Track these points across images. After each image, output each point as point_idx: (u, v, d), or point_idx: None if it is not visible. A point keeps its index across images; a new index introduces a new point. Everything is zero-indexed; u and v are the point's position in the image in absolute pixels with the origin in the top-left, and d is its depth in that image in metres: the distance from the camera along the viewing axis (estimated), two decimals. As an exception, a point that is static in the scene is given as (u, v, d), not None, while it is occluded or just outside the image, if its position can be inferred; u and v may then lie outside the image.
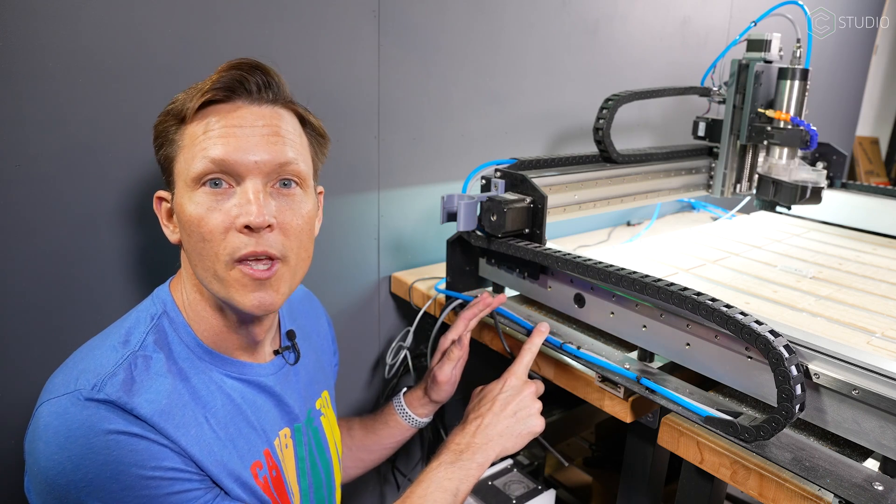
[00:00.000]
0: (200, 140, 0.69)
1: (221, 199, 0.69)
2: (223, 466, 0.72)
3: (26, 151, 0.88)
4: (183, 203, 0.70)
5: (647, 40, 1.75)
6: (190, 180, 0.69)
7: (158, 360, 0.70)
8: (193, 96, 0.70)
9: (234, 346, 0.79)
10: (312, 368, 0.93)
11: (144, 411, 0.65)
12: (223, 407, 0.74)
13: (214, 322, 0.76)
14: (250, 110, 0.71)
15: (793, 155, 1.32)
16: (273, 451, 0.80)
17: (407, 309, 1.38)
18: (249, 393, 0.79)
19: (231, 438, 0.74)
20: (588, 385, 0.93)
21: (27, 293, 0.93)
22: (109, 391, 0.64)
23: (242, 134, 0.69)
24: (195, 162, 0.69)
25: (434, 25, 1.29)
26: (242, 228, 0.68)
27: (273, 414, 0.81)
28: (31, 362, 0.94)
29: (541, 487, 1.19)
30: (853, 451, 0.74)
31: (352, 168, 1.25)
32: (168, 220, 0.77)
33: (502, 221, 0.99)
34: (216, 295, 0.72)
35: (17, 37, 0.85)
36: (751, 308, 1.00)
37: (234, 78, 0.71)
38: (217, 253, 0.68)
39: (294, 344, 0.88)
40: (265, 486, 0.77)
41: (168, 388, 0.69)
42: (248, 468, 0.75)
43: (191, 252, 0.71)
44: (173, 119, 0.72)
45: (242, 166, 0.69)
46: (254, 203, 0.68)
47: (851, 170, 3.77)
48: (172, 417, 0.68)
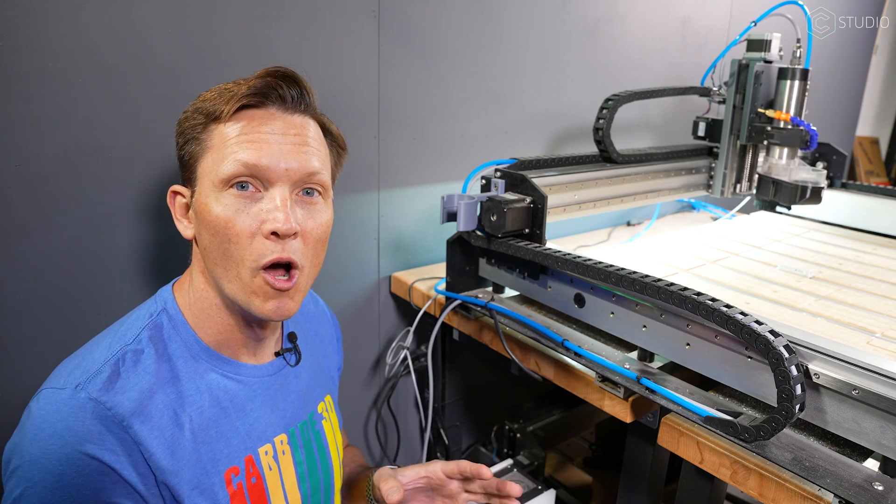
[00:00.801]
0: (232, 143, 0.70)
1: (248, 203, 0.70)
2: (187, 471, 0.71)
3: (26, 151, 0.89)
4: (208, 203, 0.71)
5: (647, 40, 1.75)
6: (218, 181, 0.70)
7: (148, 356, 0.71)
8: (229, 99, 0.71)
9: (237, 345, 0.79)
10: (315, 372, 0.93)
11: (122, 410, 0.66)
12: (209, 409, 0.74)
13: (221, 320, 0.76)
14: (282, 119, 0.73)
15: (793, 155, 1.32)
16: (257, 458, 0.79)
17: (407, 309, 1.38)
18: (243, 395, 0.78)
19: (208, 442, 0.74)
20: (588, 385, 0.93)
21: (27, 293, 0.93)
22: (91, 389, 0.66)
23: (275, 141, 0.71)
24: (225, 164, 0.70)
25: (434, 25, 1.29)
26: (269, 235, 0.69)
27: (268, 419, 0.81)
28: (31, 362, 0.95)
29: (541, 487, 1.19)
30: (853, 451, 0.74)
31: (352, 168, 1.25)
32: (183, 216, 0.77)
33: (502, 221, 0.99)
34: (232, 296, 0.72)
35: (17, 37, 0.85)
36: (751, 308, 1.00)
37: (269, 85, 0.72)
38: (243, 256, 0.70)
39: (296, 346, 0.88)
40: (237, 494, 0.76)
41: (149, 386, 0.70)
42: (222, 473, 0.74)
43: (211, 251, 0.72)
44: (202, 117, 0.72)
45: (273, 173, 0.70)
46: (281, 210, 0.69)
47: (851, 170, 3.77)
48: (147, 418, 0.68)
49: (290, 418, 0.84)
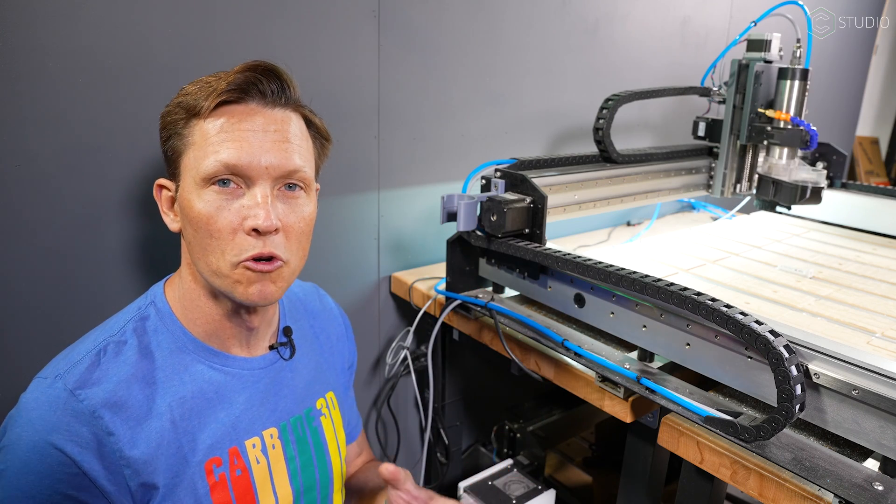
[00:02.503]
0: (213, 141, 0.70)
1: (230, 199, 0.71)
2: (164, 460, 0.71)
3: (26, 151, 0.89)
4: (191, 199, 0.71)
5: (647, 40, 1.75)
6: (200, 179, 0.70)
7: (130, 346, 0.72)
8: (209, 94, 0.70)
9: (227, 336, 0.79)
10: (316, 368, 0.92)
11: (94, 400, 0.68)
12: (191, 399, 0.74)
13: (209, 311, 0.77)
14: (263, 114, 0.72)
15: (793, 155, 1.32)
16: (243, 451, 0.78)
17: (407, 309, 1.38)
18: (230, 387, 0.78)
19: (189, 431, 0.74)
20: (588, 385, 0.93)
21: (27, 292, 0.93)
22: (68, 380, 0.68)
23: (255, 139, 0.71)
24: (206, 162, 0.70)
25: (434, 25, 1.29)
26: (250, 231, 0.70)
27: (256, 412, 0.81)
28: (31, 361, 0.94)
29: (541, 487, 1.19)
30: (853, 451, 0.74)
31: (352, 168, 1.25)
32: (169, 209, 0.78)
33: (502, 221, 0.99)
34: (217, 287, 0.73)
35: (17, 37, 0.85)
36: (751, 308, 1.00)
37: (249, 80, 0.72)
38: (223, 250, 0.70)
39: (290, 340, 0.88)
40: (218, 485, 0.75)
41: (126, 377, 0.71)
42: (202, 464, 0.74)
43: (194, 245, 0.73)
44: (183, 112, 0.72)
45: (253, 170, 0.70)
46: (262, 207, 0.70)
47: (851, 170, 3.77)
48: (120, 408, 0.69)
49: (282, 413, 0.84)
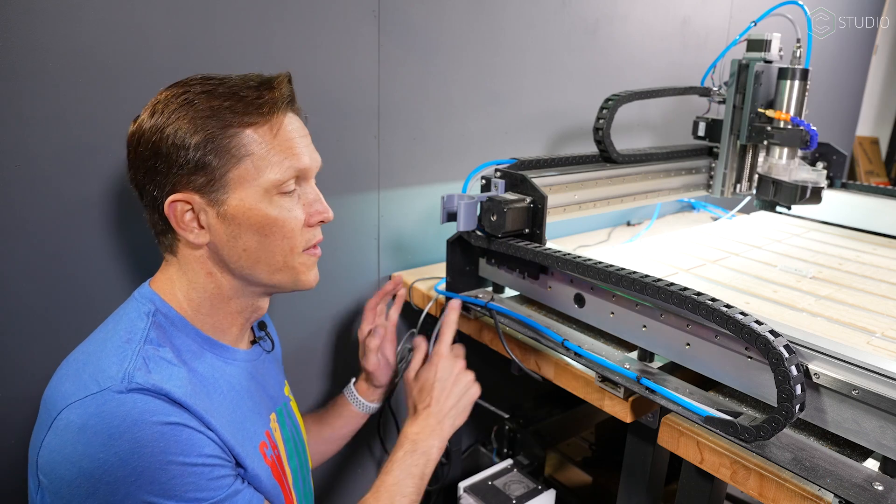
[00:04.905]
0: (281, 149, 0.74)
1: (293, 199, 0.78)
2: (242, 448, 0.74)
3: (26, 151, 0.89)
4: (260, 207, 0.74)
5: (647, 40, 1.75)
6: (270, 186, 0.74)
7: (166, 353, 0.72)
8: (270, 107, 0.74)
9: (235, 331, 0.83)
10: (275, 357, 0.98)
11: (178, 395, 0.67)
12: (229, 392, 0.78)
13: (230, 309, 0.80)
14: (295, 119, 0.79)
15: (793, 155, 1.32)
16: (272, 433, 0.84)
17: (407, 309, 1.38)
18: (244, 378, 0.82)
19: (240, 421, 0.77)
20: (588, 385, 0.93)
21: (26, 292, 0.93)
22: (141, 380, 0.65)
23: (304, 143, 0.78)
24: (279, 169, 0.74)
25: (434, 25, 1.29)
26: (317, 224, 0.80)
27: (262, 397, 0.86)
28: (31, 361, 0.95)
29: (541, 487, 1.19)
30: (853, 451, 0.74)
31: (352, 168, 1.25)
32: (194, 224, 0.74)
33: (502, 221, 0.99)
34: (277, 284, 0.79)
35: (17, 37, 0.85)
36: (751, 308, 1.00)
37: (291, 91, 0.78)
38: (293, 247, 0.78)
39: (267, 333, 0.93)
40: (273, 465, 0.80)
41: (185, 376, 0.71)
42: (258, 448, 0.78)
43: (255, 250, 0.75)
44: (229, 124, 0.72)
45: (311, 171, 0.80)
46: (323, 202, 0.81)
47: (851, 170, 3.77)
48: (200, 401, 0.70)
49: (275, 399, 0.90)
